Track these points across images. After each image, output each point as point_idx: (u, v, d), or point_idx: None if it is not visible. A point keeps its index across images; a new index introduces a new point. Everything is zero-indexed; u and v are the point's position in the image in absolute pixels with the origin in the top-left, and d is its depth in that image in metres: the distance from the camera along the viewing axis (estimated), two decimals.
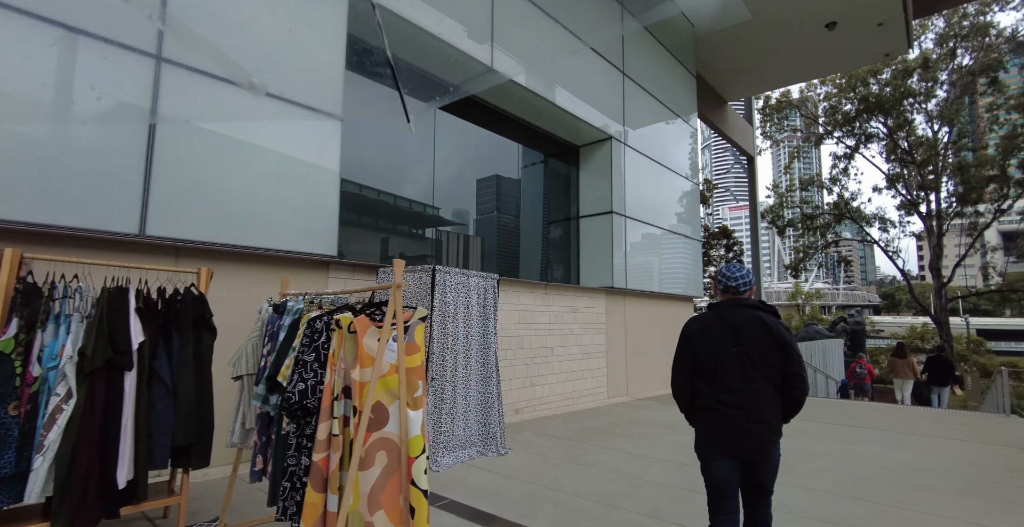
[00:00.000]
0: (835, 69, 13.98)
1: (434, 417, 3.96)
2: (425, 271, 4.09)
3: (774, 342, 2.09)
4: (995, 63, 23.59)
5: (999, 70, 23.93)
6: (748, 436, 2.09)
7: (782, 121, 29.64)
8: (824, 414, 6.96)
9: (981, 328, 44.12)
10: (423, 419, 2.07)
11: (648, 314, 9.24)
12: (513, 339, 6.36)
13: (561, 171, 8.66)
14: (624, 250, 8.36)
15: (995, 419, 6.97)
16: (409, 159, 6.46)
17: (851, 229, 30.00)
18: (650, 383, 9.05)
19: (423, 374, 2.11)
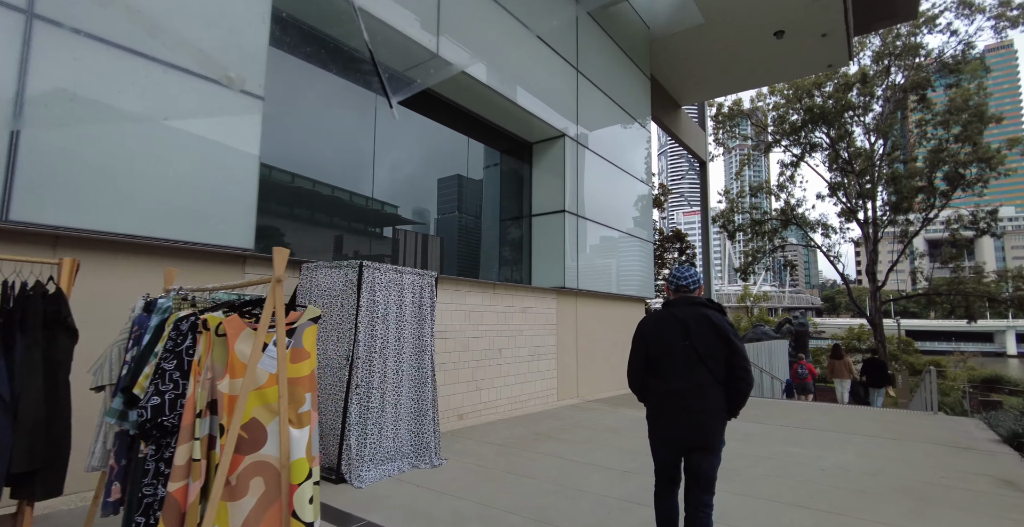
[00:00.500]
0: (783, 77, 14.43)
1: (359, 428, 3.60)
2: (351, 267, 3.73)
3: (718, 337, 2.23)
4: (924, 82, 25.18)
5: (927, 88, 25.55)
6: (691, 424, 2.22)
7: (734, 129, 30.68)
8: (769, 415, 7.02)
9: (910, 329, 47.20)
10: (310, 439, 1.75)
11: (600, 315, 9.14)
12: (458, 341, 6.06)
13: (514, 168, 8.43)
14: (576, 250, 8.21)
15: (924, 417, 7.22)
16: (367, 155, 6.06)
17: (796, 234, 31.33)
18: (601, 384, 8.94)
19: (312, 385, 1.78)
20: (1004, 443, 5.43)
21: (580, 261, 8.33)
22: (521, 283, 7.54)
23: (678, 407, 2.25)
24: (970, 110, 24.01)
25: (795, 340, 21.00)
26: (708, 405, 2.22)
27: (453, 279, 6.07)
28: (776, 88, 28.21)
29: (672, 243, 31.19)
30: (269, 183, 4.90)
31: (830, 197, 28.17)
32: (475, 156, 7.81)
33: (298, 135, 5.26)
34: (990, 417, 6.78)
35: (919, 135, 26.49)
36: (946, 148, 24.72)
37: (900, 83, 25.75)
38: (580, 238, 8.36)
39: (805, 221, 28.85)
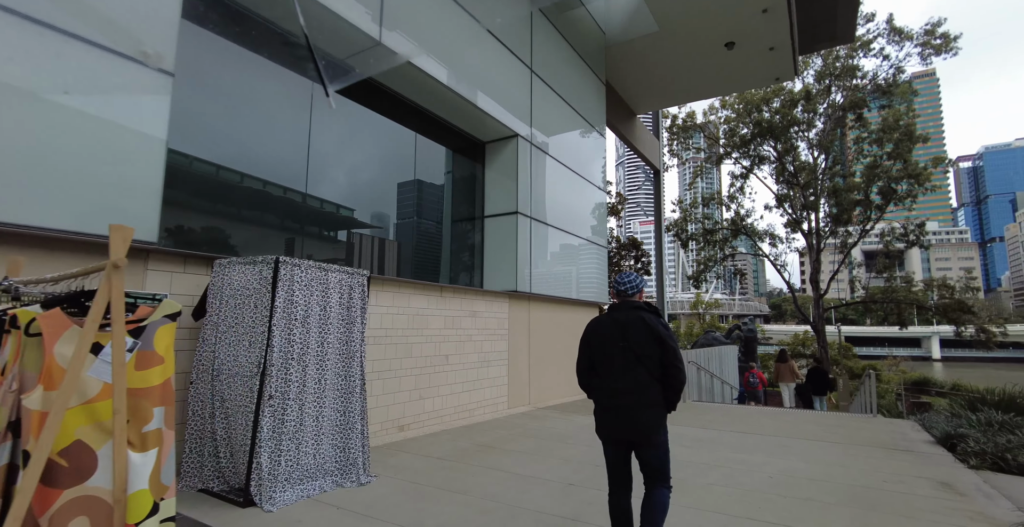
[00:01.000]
0: (734, 88, 14.86)
1: (272, 443, 3.20)
2: (266, 263, 3.34)
3: (653, 337, 2.38)
4: (861, 102, 26.76)
5: (864, 108, 27.16)
6: (631, 421, 2.37)
7: (687, 141, 31.64)
8: (718, 420, 6.98)
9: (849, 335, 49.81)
10: (159, 464, 1.39)
11: (554, 319, 8.96)
12: (400, 347, 5.69)
13: (467, 168, 8.16)
14: (530, 253, 8.01)
15: (864, 420, 7.39)
16: (323, 156, 5.64)
17: (746, 244, 32.52)
18: (554, 391, 8.73)
19: (167, 397, 1.44)
20: (938, 444, 5.55)
21: (534, 265, 8.13)
22: (472, 286, 7.25)
23: (618, 404, 2.42)
24: (901, 129, 25.65)
25: (744, 345, 21.62)
26: (645, 401, 2.37)
27: (396, 281, 5.71)
28: (727, 102, 29.31)
29: (628, 251, 31.64)
30: (189, 174, 4.42)
31: (777, 208, 29.39)
32: (426, 155, 7.49)
33: (225, 123, 4.80)
34: (924, 419, 7.00)
35: (856, 152, 28.08)
36: (880, 164, 26.28)
37: (840, 102, 27.24)
38: (534, 241, 8.17)
39: (754, 231, 29.97)
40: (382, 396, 5.41)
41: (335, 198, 5.90)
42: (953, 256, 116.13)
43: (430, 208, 7.50)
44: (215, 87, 4.74)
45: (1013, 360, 70.25)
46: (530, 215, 8.08)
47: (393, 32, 5.56)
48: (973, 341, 26.52)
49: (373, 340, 5.34)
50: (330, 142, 5.86)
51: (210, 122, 4.66)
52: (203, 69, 4.59)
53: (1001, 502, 3.67)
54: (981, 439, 5.08)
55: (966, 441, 5.17)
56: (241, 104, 4.95)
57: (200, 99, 4.56)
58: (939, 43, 25.16)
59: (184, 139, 4.35)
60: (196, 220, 4.44)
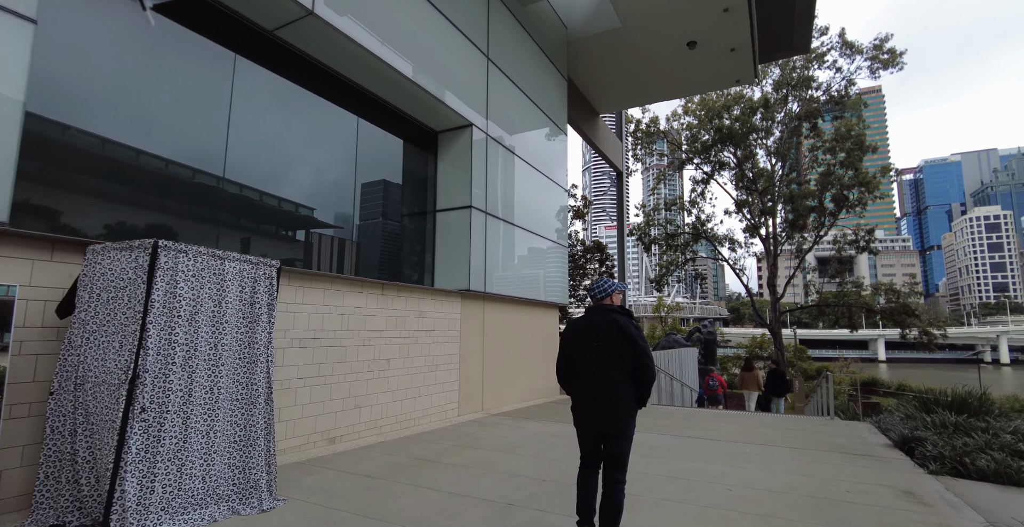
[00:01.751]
0: (696, 90, 14.85)
1: (144, 465, 2.63)
2: (142, 248, 2.77)
3: (624, 338, 2.56)
4: (815, 112, 27.68)
5: (818, 118, 28.10)
6: (603, 414, 2.55)
7: (650, 146, 32.02)
8: (677, 425, 6.70)
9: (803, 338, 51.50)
10: None
11: (510, 321, 8.54)
12: (333, 350, 5.13)
13: (418, 159, 7.65)
14: (485, 250, 7.56)
15: (821, 423, 7.27)
16: (247, 136, 5.02)
17: (706, 249, 33.09)
18: (510, 396, 8.30)
19: None
20: (896, 448, 5.41)
21: (489, 263, 7.69)
22: (419, 284, 6.74)
23: (592, 399, 2.59)
24: (852, 139, 26.61)
25: (704, 347, 21.81)
26: (618, 397, 2.55)
27: (327, 277, 5.15)
28: (690, 109, 29.84)
29: (593, 254, 31.68)
30: (67, 146, 3.77)
31: (736, 214, 30.00)
32: (373, 142, 6.94)
33: (119, 89, 4.16)
34: (880, 421, 6.92)
35: (811, 160, 28.99)
36: (833, 172, 27.18)
37: (796, 111, 28.09)
38: (490, 238, 7.73)
39: (714, 236, 30.53)
40: (309, 405, 4.85)
41: (261, 184, 5.30)
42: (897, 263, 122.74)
43: (377, 200, 6.96)
44: (110, 47, 4.10)
45: (950, 361, 74.62)
46: (485, 210, 7.64)
47: (329, 3, 5.03)
48: (916, 343, 27.62)
49: (300, 343, 4.78)
50: (258, 121, 5.26)
51: (98, 87, 4.01)
52: (89, 23, 3.95)
53: (966, 512, 3.45)
54: (939, 442, 4.94)
55: (924, 445, 5.02)
56: (142, 69, 4.31)
57: (87, 59, 3.92)
58: (887, 58, 26.25)
59: (61, 104, 3.70)
60: (73, 202, 3.78)
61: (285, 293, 4.66)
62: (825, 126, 28.57)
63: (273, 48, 5.35)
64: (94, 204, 3.91)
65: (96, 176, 3.93)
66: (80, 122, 3.85)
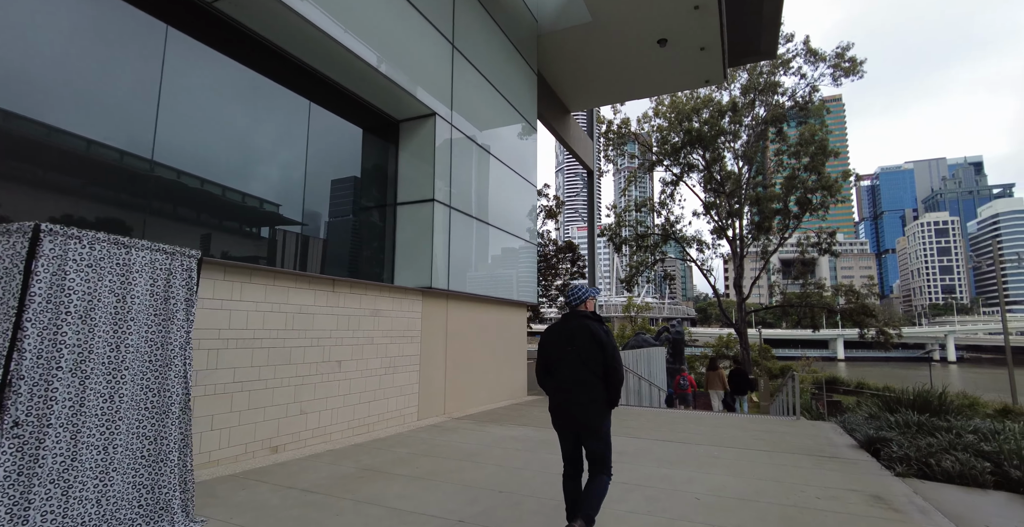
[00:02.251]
0: (665, 88, 14.76)
1: (17, 491, 2.21)
2: (21, 233, 2.34)
3: (595, 342, 2.73)
4: (781, 117, 28.32)
5: (784, 123, 28.76)
6: (576, 414, 2.72)
7: (621, 147, 32.24)
8: (644, 426, 6.51)
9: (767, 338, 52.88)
10: None
11: (476, 320, 8.21)
12: (276, 352, 4.71)
13: (379, 149, 7.25)
14: (448, 246, 7.22)
15: (787, 424, 7.22)
16: (180, 117, 4.52)
17: (675, 250, 33.51)
18: (474, 398, 7.97)
19: None
20: (862, 449, 5.33)
21: (454, 259, 7.35)
22: (375, 281, 6.33)
23: (566, 400, 2.74)
24: (816, 143, 27.32)
25: (672, 347, 21.96)
26: (589, 397, 2.70)
27: (268, 271, 4.72)
28: (660, 111, 30.14)
29: (565, 253, 31.65)
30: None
31: (705, 215, 30.44)
32: (328, 130, 6.51)
33: (28, 62, 3.65)
34: (845, 421, 6.90)
35: (777, 164, 29.66)
36: (798, 176, 27.85)
37: (763, 116, 28.68)
38: (454, 234, 7.39)
39: (683, 237, 30.94)
40: (248, 412, 4.42)
41: (197, 170, 4.82)
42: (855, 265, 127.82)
43: (331, 192, 6.53)
44: (20, 13, 3.59)
45: (903, 359, 77.98)
46: (449, 204, 7.30)
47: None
48: (874, 342, 28.52)
49: (237, 343, 4.35)
50: (196, 102, 4.79)
51: (6, 57, 3.51)
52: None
53: (936, 518, 3.32)
54: (904, 443, 4.87)
55: (889, 445, 4.95)
56: (51, 37, 3.81)
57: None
58: (848, 66, 27.02)
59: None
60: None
61: (220, 289, 4.23)
62: (790, 131, 29.26)
63: (211, 21, 4.89)
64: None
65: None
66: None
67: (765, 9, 11.32)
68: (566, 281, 27.27)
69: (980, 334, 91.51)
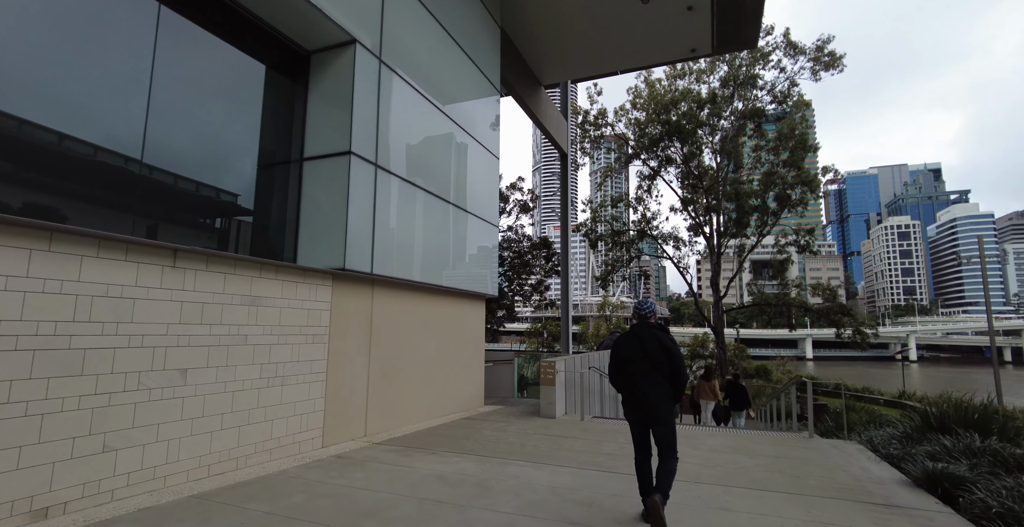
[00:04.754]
0: (649, 59, 13.16)
1: None
2: None
3: (662, 348, 3.26)
4: (760, 111, 27.47)
5: (763, 117, 27.92)
6: (648, 409, 3.23)
7: (598, 140, 31.06)
8: (624, 454, 4.95)
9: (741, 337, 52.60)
10: None
11: (417, 314, 6.54)
12: (51, 357, 2.96)
13: (282, 90, 5.51)
14: (372, 216, 5.53)
15: (799, 443, 5.79)
16: (80, 76, 2.70)
17: (651, 247, 32.48)
18: (410, 413, 6.31)
19: None
20: (922, 488, 3.89)
21: (382, 234, 5.67)
22: (256, 257, 4.55)
23: (639, 397, 3.27)
24: (796, 138, 26.52)
25: None
26: (659, 394, 3.22)
27: (41, 229, 2.96)
28: (638, 104, 29.03)
29: (540, 250, 30.26)
30: None
31: (682, 211, 29.45)
32: (212, 62, 4.74)
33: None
34: (871, 440, 5.51)
35: (754, 160, 28.84)
36: (777, 172, 27.02)
37: (741, 109, 27.79)
38: (383, 200, 5.71)
39: (659, 234, 29.95)
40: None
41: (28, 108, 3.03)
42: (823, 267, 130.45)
43: (217, 142, 4.76)
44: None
45: (869, 358, 79.36)
46: (374, 162, 5.60)
47: None
48: (850, 342, 27.86)
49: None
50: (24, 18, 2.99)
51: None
52: None
53: None
54: (995, 488, 3.42)
55: (968, 488, 3.51)
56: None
57: None
58: (828, 60, 26.24)
59: None
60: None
61: None
62: (767, 126, 28.46)
63: None
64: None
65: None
66: None
67: None
68: (540, 278, 25.82)
69: (938, 334, 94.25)
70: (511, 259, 24.80)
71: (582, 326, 53.24)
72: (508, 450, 4.98)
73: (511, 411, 7.67)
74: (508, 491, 3.64)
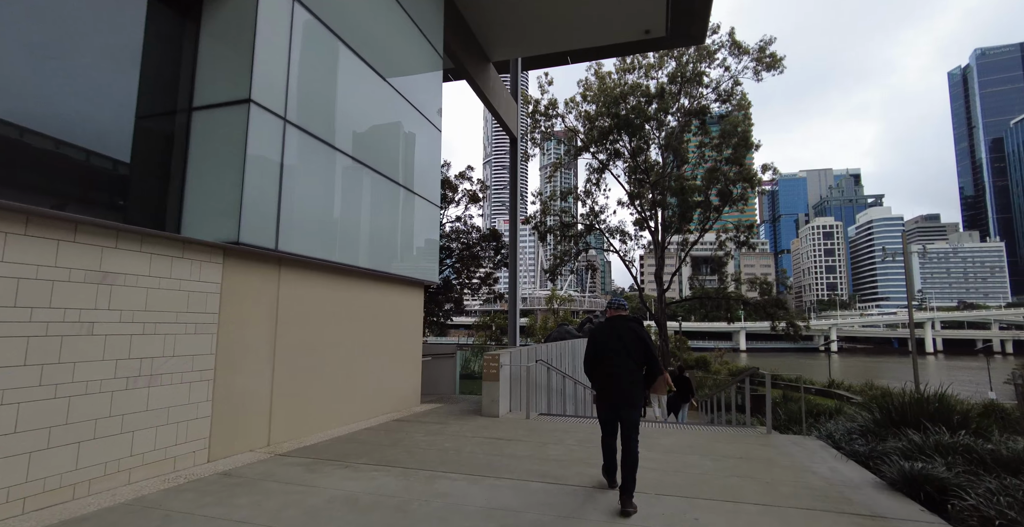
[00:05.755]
0: (601, 37, 12.49)
1: None
2: None
3: (637, 339, 3.54)
4: (704, 109, 27.96)
5: (707, 115, 28.44)
6: (620, 392, 3.49)
7: (549, 133, 30.71)
8: (574, 457, 4.32)
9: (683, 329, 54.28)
10: None
11: (339, 301, 5.64)
12: None
13: (171, 27, 4.43)
14: (279, 179, 4.58)
15: (758, 440, 5.41)
16: None
17: (598, 241, 32.56)
18: (327, 416, 5.42)
19: None
20: (900, 492, 3.50)
21: (292, 203, 4.74)
22: (99, 220, 3.50)
23: (614, 382, 3.51)
24: (739, 135, 27.16)
25: None
26: (632, 380, 3.49)
27: None
28: (588, 96, 28.87)
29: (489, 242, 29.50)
30: None
31: (629, 205, 29.61)
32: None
33: None
34: (829, 434, 5.20)
35: (698, 157, 29.38)
36: (720, 168, 27.62)
37: (687, 106, 28.16)
38: (294, 164, 4.77)
39: (607, 227, 30.04)
40: None
41: None
42: (757, 263, 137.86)
43: (86, 88, 3.65)
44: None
45: (796, 350, 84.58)
46: (283, 116, 4.65)
47: None
48: (784, 334, 29.01)
49: None
50: None
51: None
52: None
53: None
54: (979, 491, 3.05)
55: (956, 492, 3.13)
56: None
57: None
58: (769, 60, 26.94)
59: None
60: None
61: None
62: (711, 124, 29.03)
63: None
64: None
65: None
66: None
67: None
68: (489, 270, 25.16)
69: (856, 327, 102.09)
70: (460, 251, 23.88)
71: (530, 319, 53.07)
72: (440, 459, 4.23)
73: (450, 410, 6.93)
74: (432, 517, 2.91)
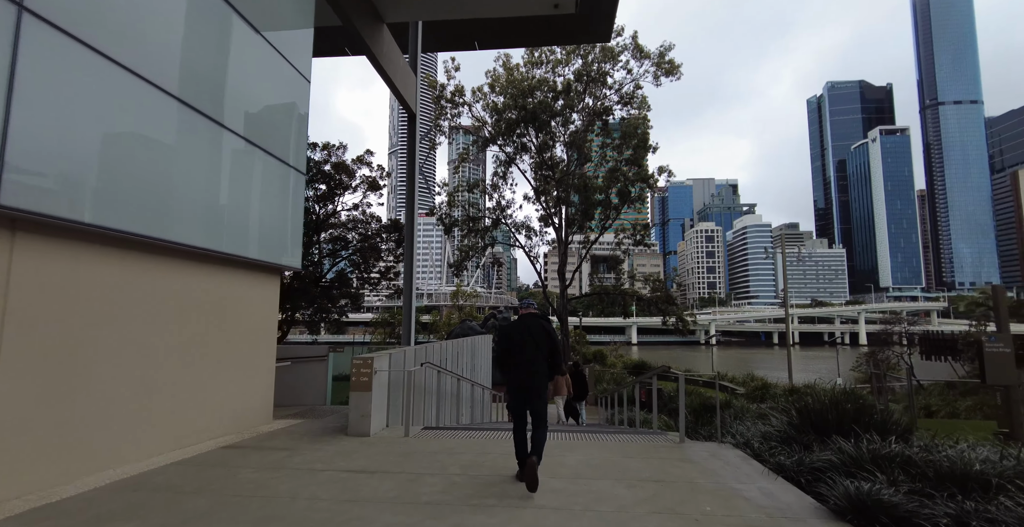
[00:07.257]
0: (506, 8, 11.61)
1: None
2: None
3: (544, 334, 3.88)
4: (607, 110, 28.47)
5: (610, 116, 29.01)
6: (529, 380, 3.77)
7: (456, 118, 29.52)
8: (460, 489, 3.23)
9: (581, 325, 55.89)
10: None
11: (140, 288, 4.00)
12: None
13: None
14: (8, 95, 2.93)
15: (673, 453, 4.73)
16: None
17: (504, 237, 32.02)
18: (115, 451, 3.78)
19: None
20: (846, 522, 2.85)
21: (45, 136, 3.09)
22: None
23: (523, 372, 3.79)
24: (639, 137, 27.97)
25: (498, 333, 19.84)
26: (539, 370, 3.80)
27: None
28: (496, 87, 28.15)
29: (390, 233, 27.54)
30: None
31: (535, 201, 29.38)
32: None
33: None
34: (750, 444, 4.65)
35: (600, 157, 29.92)
36: (620, 169, 28.27)
37: (592, 106, 28.47)
38: (45, 77, 3.12)
39: (513, 223, 29.61)
40: None
41: None
42: (647, 263, 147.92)
43: None
44: None
45: (681, 343, 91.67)
46: (19, 2, 2.99)
47: None
48: (672, 329, 30.46)
49: None
50: None
51: None
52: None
53: None
54: (951, 518, 2.45)
55: (913, 518, 2.51)
56: None
57: None
58: (668, 66, 27.98)
59: None
60: None
61: None
62: (612, 125, 29.69)
63: None
64: None
65: None
66: None
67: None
68: (390, 264, 23.40)
69: (731, 322, 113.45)
70: (357, 242, 21.78)
71: (434, 315, 51.32)
72: (258, 516, 2.90)
73: (309, 428, 5.50)
74: None
